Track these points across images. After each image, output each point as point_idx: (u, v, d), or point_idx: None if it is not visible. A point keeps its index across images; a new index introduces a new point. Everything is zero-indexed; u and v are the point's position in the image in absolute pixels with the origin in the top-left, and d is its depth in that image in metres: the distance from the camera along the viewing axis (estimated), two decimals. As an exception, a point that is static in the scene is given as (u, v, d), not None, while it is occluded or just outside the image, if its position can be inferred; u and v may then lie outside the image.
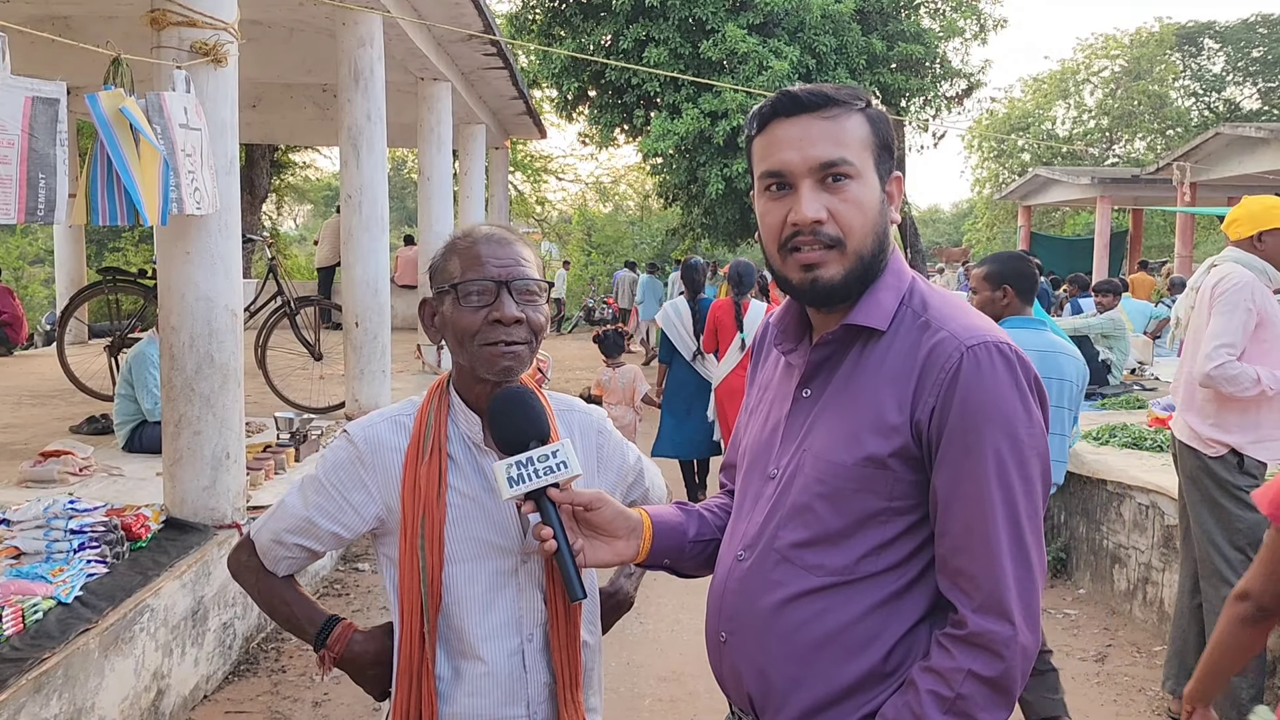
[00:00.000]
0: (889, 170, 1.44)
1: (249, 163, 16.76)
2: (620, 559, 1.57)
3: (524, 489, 1.49)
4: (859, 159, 1.39)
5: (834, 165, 1.38)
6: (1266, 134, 15.17)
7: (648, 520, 1.58)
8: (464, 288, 1.57)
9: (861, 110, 1.42)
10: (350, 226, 7.02)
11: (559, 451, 1.50)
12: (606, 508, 1.54)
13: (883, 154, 1.43)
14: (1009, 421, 1.32)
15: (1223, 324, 3.59)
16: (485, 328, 1.56)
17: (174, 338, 4.31)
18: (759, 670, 1.45)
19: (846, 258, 1.39)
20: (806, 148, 1.39)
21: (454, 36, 8.50)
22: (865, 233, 1.40)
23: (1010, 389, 1.33)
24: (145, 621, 3.63)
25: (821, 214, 1.38)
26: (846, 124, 1.40)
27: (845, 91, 1.42)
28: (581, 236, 29.69)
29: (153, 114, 3.81)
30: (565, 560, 1.48)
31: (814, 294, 1.42)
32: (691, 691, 4.19)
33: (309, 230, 37.06)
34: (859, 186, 1.39)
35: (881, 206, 1.42)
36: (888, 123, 1.45)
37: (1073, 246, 23.98)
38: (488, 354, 1.57)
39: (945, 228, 48.90)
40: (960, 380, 1.32)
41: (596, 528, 1.54)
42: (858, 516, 1.38)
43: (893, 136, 1.46)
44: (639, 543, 1.57)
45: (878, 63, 15.18)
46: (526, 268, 1.61)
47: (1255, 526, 3.63)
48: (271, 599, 1.75)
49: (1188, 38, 33.58)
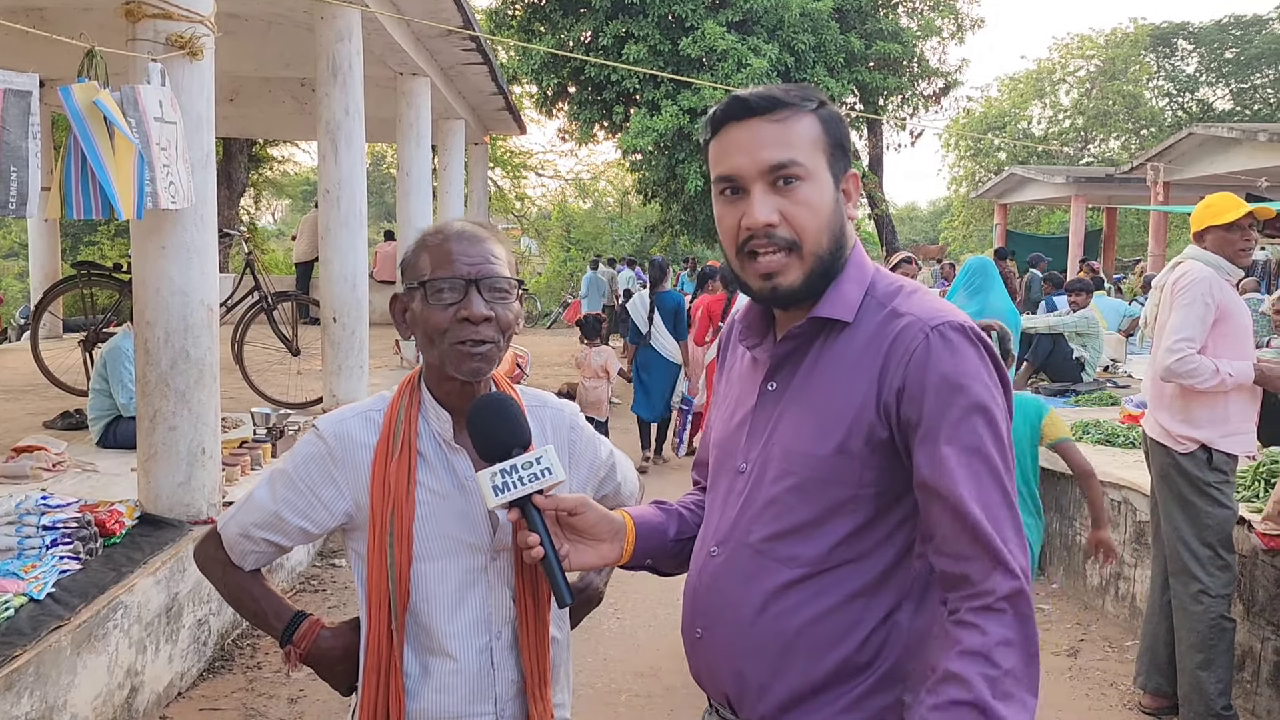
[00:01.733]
0: (844, 168, 1.45)
1: (226, 157, 16.63)
2: (604, 561, 1.57)
3: (509, 497, 1.48)
4: (809, 160, 1.41)
5: (783, 167, 1.39)
6: (1238, 134, 15.36)
7: (630, 522, 1.59)
8: (433, 285, 1.57)
9: (813, 111, 1.43)
10: (328, 222, 6.99)
11: (543, 458, 1.50)
12: (590, 512, 1.54)
13: (836, 153, 1.44)
14: (980, 393, 1.34)
15: (1181, 318, 3.65)
16: (454, 326, 1.56)
17: (149, 332, 4.28)
18: (735, 665, 1.46)
19: (804, 260, 1.41)
20: (756, 151, 1.40)
21: (433, 32, 8.47)
22: (819, 232, 1.41)
23: (977, 364, 1.36)
24: (119, 618, 3.61)
25: (773, 217, 1.39)
26: (796, 126, 1.41)
27: (795, 93, 1.43)
28: (561, 233, 29.64)
29: (127, 107, 3.78)
30: (552, 566, 1.48)
31: (775, 300, 1.45)
32: (668, 687, 4.21)
33: (287, 225, 36.80)
34: (810, 187, 1.40)
35: (836, 205, 1.44)
36: (841, 122, 1.46)
37: (1048, 245, 24.15)
38: (456, 353, 1.56)
39: (922, 226, 49.14)
40: (930, 358, 1.34)
41: (580, 532, 1.55)
42: (828, 506, 1.39)
43: (847, 135, 1.47)
44: (622, 545, 1.57)
45: (856, 61, 15.26)
46: (496, 265, 1.60)
47: (1224, 523, 3.69)
48: (238, 593, 1.73)
49: (1162, 39, 33.89)
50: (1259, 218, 3.74)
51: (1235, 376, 3.61)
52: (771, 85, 1.47)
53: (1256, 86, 33.78)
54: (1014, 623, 1.28)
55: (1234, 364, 3.64)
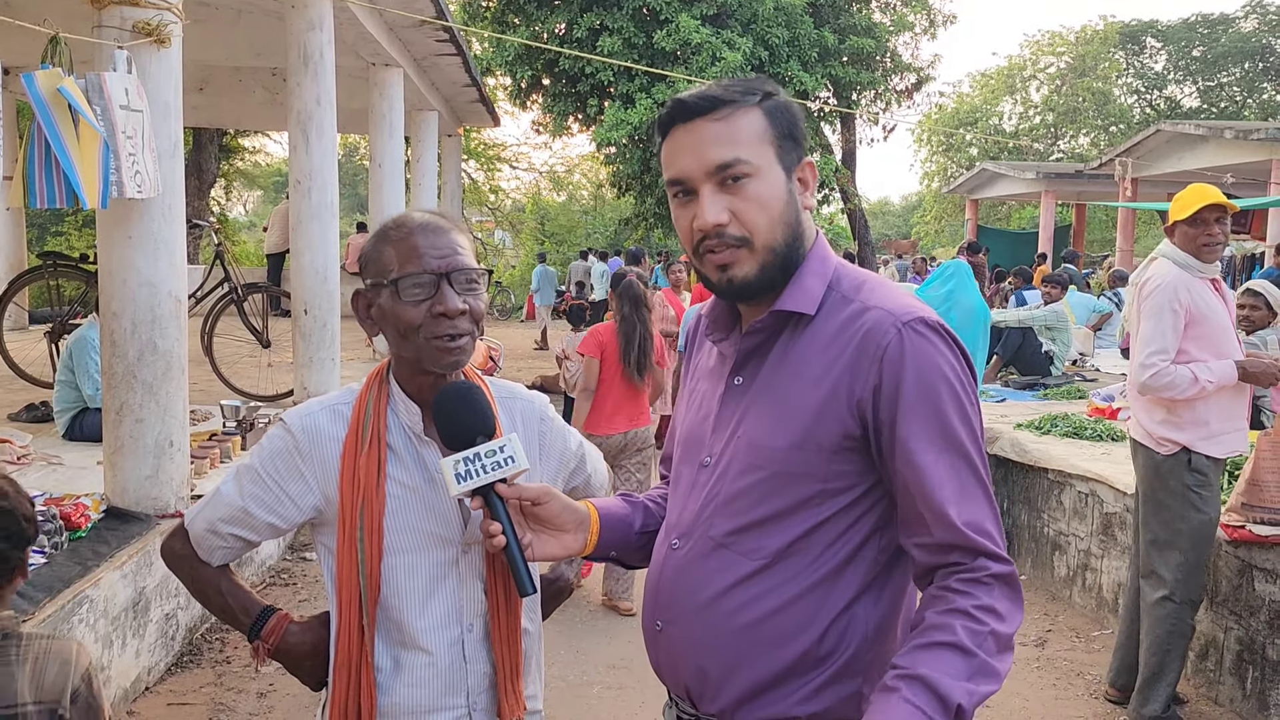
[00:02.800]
0: (797, 158, 1.44)
1: (197, 147, 16.44)
2: (568, 552, 1.57)
3: (472, 485, 1.48)
4: (756, 155, 1.40)
5: (729, 166, 1.39)
6: (1205, 131, 15.57)
7: (595, 513, 1.59)
8: (404, 282, 1.54)
9: (757, 104, 1.41)
10: (299, 213, 6.93)
11: (506, 446, 1.50)
12: (554, 502, 1.54)
13: (786, 144, 1.42)
14: (955, 390, 1.36)
15: (1150, 330, 3.57)
16: (429, 321, 1.53)
17: (115, 324, 4.23)
18: (695, 658, 1.46)
19: (756, 254, 1.41)
20: (702, 152, 1.40)
21: (406, 22, 8.41)
22: (771, 227, 1.41)
23: (950, 359, 1.37)
24: (84, 613, 3.57)
25: (722, 217, 1.39)
26: (739, 122, 1.40)
27: (737, 88, 1.42)
28: (535, 225, 29.55)
29: (92, 94, 3.73)
30: (514, 555, 1.48)
31: (732, 292, 1.44)
32: (640, 679, 4.22)
33: (258, 216, 36.47)
34: (758, 183, 1.40)
35: (789, 197, 1.42)
36: (788, 110, 1.43)
37: (1018, 240, 24.40)
38: (434, 348, 1.54)
39: (894, 220, 49.43)
40: (905, 356, 1.34)
41: (544, 521, 1.55)
42: (793, 500, 1.40)
43: (797, 123, 1.44)
44: (586, 536, 1.57)
45: (829, 56, 15.30)
46: (464, 256, 1.58)
47: (1199, 528, 3.62)
48: (205, 589, 1.71)
49: (1131, 36, 34.25)
50: (1227, 210, 3.58)
51: (1216, 380, 3.51)
52: (715, 82, 1.46)
53: (1223, 84, 34.24)
54: (1002, 594, 1.32)
55: (1214, 366, 3.54)
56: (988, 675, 1.27)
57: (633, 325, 5.07)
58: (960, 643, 1.27)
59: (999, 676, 1.28)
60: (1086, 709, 4.07)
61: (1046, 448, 5.57)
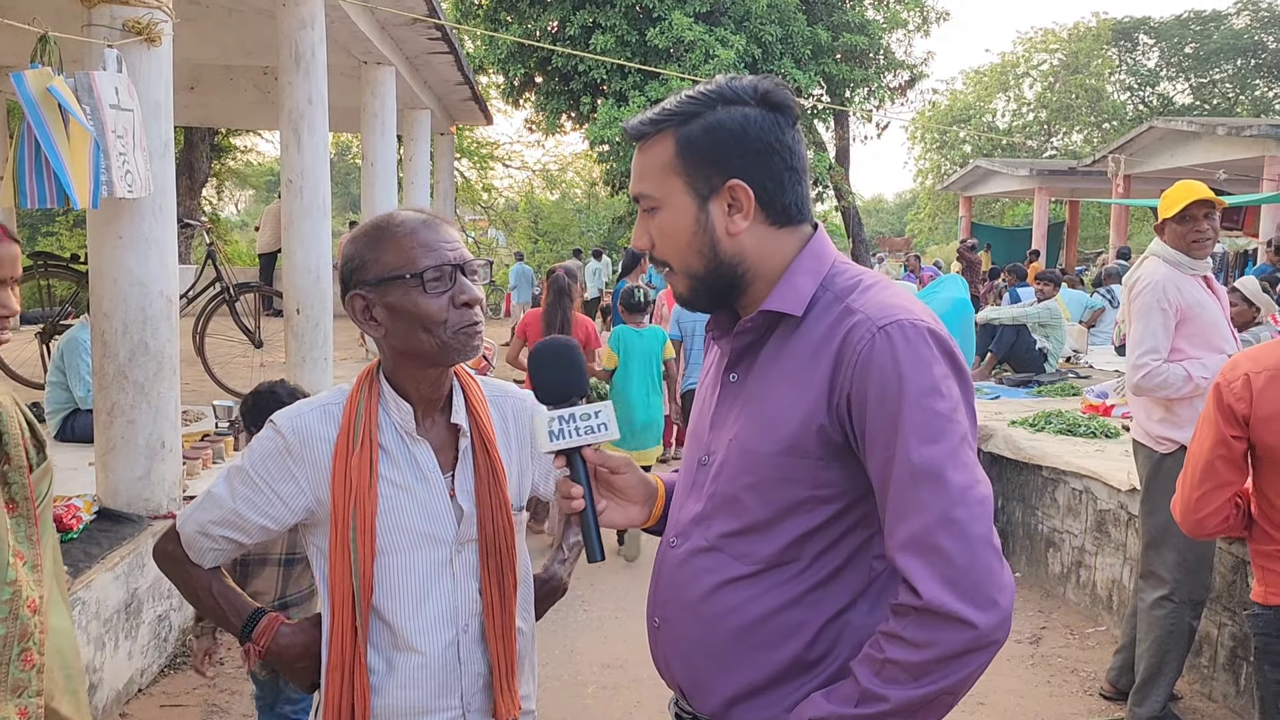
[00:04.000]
0: (718, 184, 1.39)
1: (188, 146, 16.38)
2: (631, 522, 1.59)
3: (564, 445, 1.46)
4: (659, 187, 1.42)
5: (640, 199, 1.45)
6: (1197, 128, 15.62)
7: (662, 488, 1.62)
8: (429, 274, 1.55)
9: (675, 129, 1.41)
10: (291, 212, 6.90)
11: (601, 412, 1.47)
12: (632, 473, 1.57)
13: (699, 171, 1.39)
14: (924, 393, 1.28)
15: (1141, 330, 3.55)
16: (454, 312, 1.56)
17: (106, 324, 4.21)
18: (687, 657, 1.46)
19: (679, 275, 1.45)
20: (631, 181, 1.48)
21: (398, 20, 8.38)
22: (681, 255, 1.43)
23: (926, 363, 1.30)
24: (76, 615, 3.55)
25: (642, 242, 1.46)
26: (652, 153, 1.43)
27: (669, 109, 1.41)
28: (528, 224, 29.52)
29: (82, 94, 3.71)
30: (589, 521, 1.47)
31: (683, 303, 1.49)
32: (634, 678, 4.21)
33: (250, 215, 36.37)
34: (664, 214, 1.43)
35: (697, 226, 1.40)
36: (714, 132, 1.39)
37: (1012, 236, 24.44)
38: (460, 337, 1.57)
39: (889, 218, 49.51)
40: (874, 362, 1.30)
41: (617, 491, 1.57)
42: (783, 505, 1.38)
43: (725, 143, 1.39)
44: (651, 508, 1.60)
45: (822, 53, 15.32)
46: (465, 249, 1.62)
47: None
48: (197, 590, 1.71)
49: (1123, 33, 34.33)
50: (1216, 206, 3.56)
51: (1211, 376, 3.45)
52: (667, 100, 1.46)
53: (1215, 81, 34.34)
54: (915, 621, 1.26)
55: (1207, 362, 3.50)
56: (870, 701, 1.28)
57: (555, 310, 6.05)
58: (855, 668, 1.32)
59: (885, 702, 1.27)
60: (1081, 705, 4.07)
61: (1040, 445, 5.57)
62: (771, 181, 1.41)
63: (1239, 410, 2.33)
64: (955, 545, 1.25)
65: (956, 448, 1.28)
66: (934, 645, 1.25)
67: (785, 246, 1.43)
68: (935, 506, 1.26)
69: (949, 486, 1.26)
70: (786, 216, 1.43)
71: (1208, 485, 2.40)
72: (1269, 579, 2.39)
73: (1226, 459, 2.37)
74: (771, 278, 1.43)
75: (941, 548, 1.25)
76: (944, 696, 1.28)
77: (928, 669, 1.25)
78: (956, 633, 1.24)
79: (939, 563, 1.25)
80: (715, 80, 1.44)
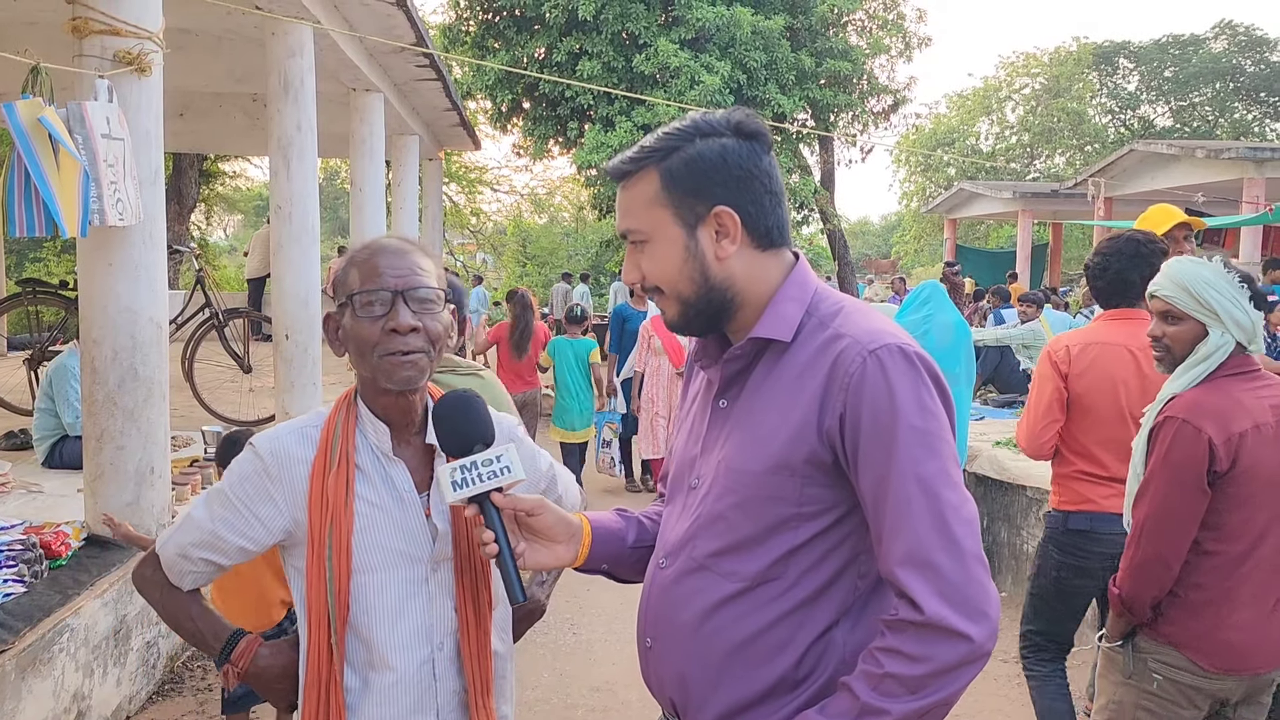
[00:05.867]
0: (704, 211, 1.45)
1: (177, 172, 16.39)
2: (559, 563, 1.60)
3: (468, 493, 1.50)
4: (647, 221, 1.47)
5: (627, 234, 1.50)
6: (1177, 151, 15.80)
7: (587, 526, 1.63)
8: (361, 298, 1.58)
9: (657, 164, 1.46)
10: (280, 238, 6.93)
11: (502, 456, 1.52)
12: (548, 514, 1.57)
13: (685, 201, 1.45)
14: (916, 418, 1.34)
15: None
16: (383, 338, 1.57)
17: (95, 350, 4.23)
18: (679, 676, 1.49)
19: (671, 300, 1.50)
20: (617, 218, 1.53)
21: (386, 48, 8.45)
22: (674, 283, 1.48)
23: (915, 386, 1.36)
24: (65, 642, 3.55)
25: (633, 276, 1.51)
26: (636, 189, 1.48)
27: (649, 147, 1.47)
28: (517, 248, 29.59)
29: (74, 124, 3.74)
30: (507, 564, 1.50)
31: (674, 328, 1.54)
32: (624, 701, 4.22)
33: (239, 241, 36.29)
34: (654, 246, 1.48)
35: (688, 254, 1.46)
36: (696, 163, 1.44)
37: (996, 258, 24.60)
38: (387, 364, 1.58)
39: (874, 240, 49.80)
40: (866, 384, 1.36)
41: (537, 532, 1.58)
42: (769, 523, 1.42)
43: (708, 173, 1.44)
44: (578, 547, 1.60)
45: (807, 78, 15.46)
46: (423, 276, 1.61)
47: None
48: (176, 613, 1.73)
49: (1104, 57, 34.74)
50: (1193, 228, 3.75)
51: None
52: (644, 139, 1.51)
53: (1195, 104, 34.75)
54: (912, 636, 1.30)
55: None
56: (870, 715, 1.31)
57: (519, 321, 7.76)
58: (851, 683, 1.34)
59: (886, 715, 1.30)
60: (1067, 724, 4.08)
61: (1025, 465, 5.62)
62: (754, 206, 1.46)
63: (1062, 369, 3.20)
64: (950, 561, 1.31)
65: (947, 466, 1.35)
66: (932, 659, 1.29)
67: (771, 271, 1.49)
68: (930, 523, 1.32)
69: (942, 503, 1.32)
70: (769, 239, 1.49)
71: (1046, 420, 3.23)
72: (1063, 492, 3.32)
73: (1058, 402, 3.21)
74: (759, 304, 1.48)
75: (937, 563, 1.31)
76: (939, 708, 1.32)
77: (926, 682, 1.30)
78: (953, 646, 1.29)
79: (935, 578, 1.30)
80: (689, 116, 1.49)
